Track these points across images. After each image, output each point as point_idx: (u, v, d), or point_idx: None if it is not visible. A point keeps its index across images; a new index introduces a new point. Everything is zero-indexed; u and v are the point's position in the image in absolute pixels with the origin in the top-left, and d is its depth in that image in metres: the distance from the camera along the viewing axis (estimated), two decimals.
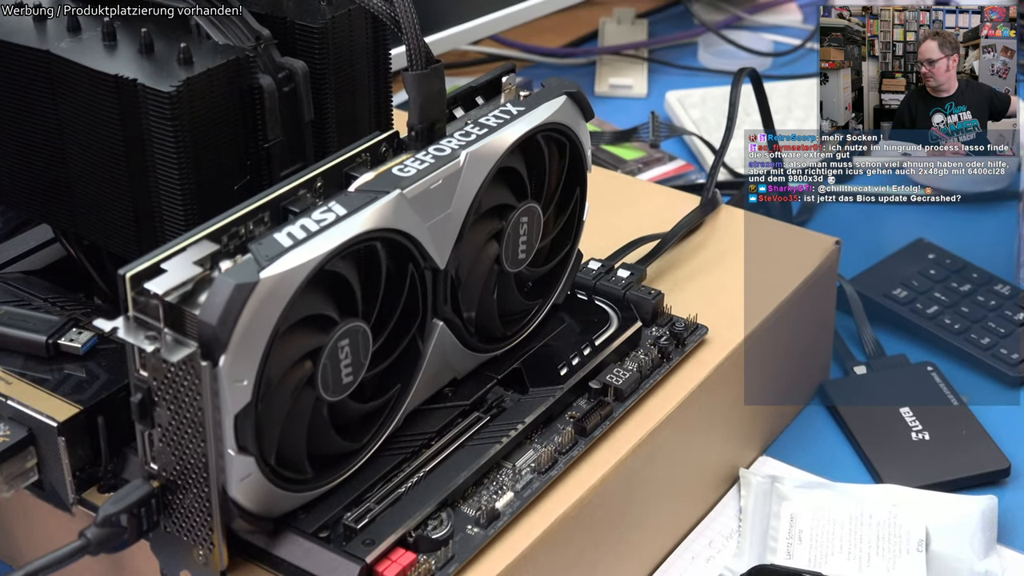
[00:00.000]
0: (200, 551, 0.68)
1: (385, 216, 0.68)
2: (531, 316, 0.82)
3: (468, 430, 0.76)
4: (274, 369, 0.65)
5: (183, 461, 0.66)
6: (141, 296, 0.62)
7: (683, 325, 0.86)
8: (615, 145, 1.30)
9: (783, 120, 1.35)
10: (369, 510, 0.70)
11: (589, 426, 0.78)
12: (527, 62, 1.52)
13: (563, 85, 0.79)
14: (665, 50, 1.57)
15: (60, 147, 0.76)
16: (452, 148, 0.73)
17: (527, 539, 0.72)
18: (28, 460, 0.73)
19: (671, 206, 0.99)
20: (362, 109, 0.81)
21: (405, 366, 0.74)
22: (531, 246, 0.80)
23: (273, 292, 0.63)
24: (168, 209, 0.72)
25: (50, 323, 0.77)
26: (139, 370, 0.65)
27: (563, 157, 0.81)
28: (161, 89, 0.69)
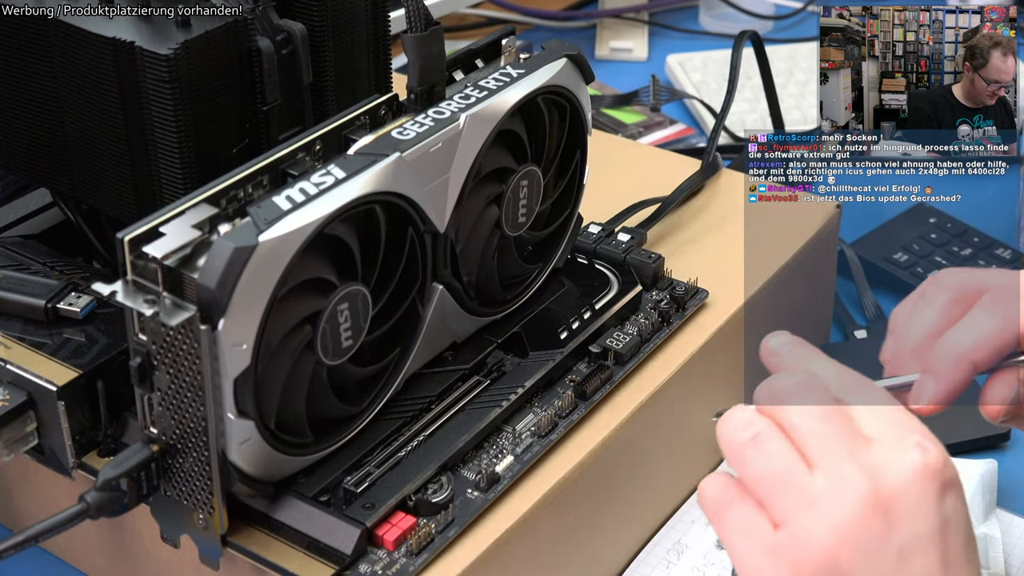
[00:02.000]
0: (200, 515, 0.68)
1: (384, 179, 0.68)
2: (531, 280, 0.82)
3: (468, 394, 0.76)
4: (273, 333, 0.65)
5: (183, 425, 0.66)
6: (140, 260, 0.62)
7: (683, 289, 0.86)
8: (616, 109, 1.29)
9: (784, 83, 1.35)
10: (369, 474, 0.70)
11: (589, 390, 0.78)
12: (527, 25, 1.52)
13: (563, 48, 0.79)
14: (666, 13, 1.56)
15: (58, 111, 0.75)
16: (452, 111, 0.72)
17: (527, 503, 0.72)
18: (28, 424, 0.73)
19: (672, 170, 0.99)
20: (361, 72, 0.80)
21: (405, 330, 0.74)
22: (531, 210, 0.80)
23: (272, 255, 0.63)
24: (166, 172, 0.72)
25: (49, 287, 0.77)
26: (138, 334, 0.65)
27: (563, 120, 0.81)
28: (159, 52, 0.69)
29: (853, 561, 0.57)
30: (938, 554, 0.58)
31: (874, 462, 0.58)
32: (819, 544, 0.57)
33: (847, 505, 0.57)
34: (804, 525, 0.57)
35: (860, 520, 0.57)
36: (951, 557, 0.58)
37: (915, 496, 0.58)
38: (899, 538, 0.57)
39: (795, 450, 0.59)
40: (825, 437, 0.59)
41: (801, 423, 0.59)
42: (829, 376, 0.62)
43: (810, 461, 0.58)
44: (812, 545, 0.57)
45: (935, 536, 0.58)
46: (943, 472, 0.58)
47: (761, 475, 0.59)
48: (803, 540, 0.57)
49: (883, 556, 0.57)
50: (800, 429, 0.59)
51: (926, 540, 0.58)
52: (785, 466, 0.59)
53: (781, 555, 0.58)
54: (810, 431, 0.59)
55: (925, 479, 0.58)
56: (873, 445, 0.59)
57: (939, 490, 0.58)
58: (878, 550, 0.57)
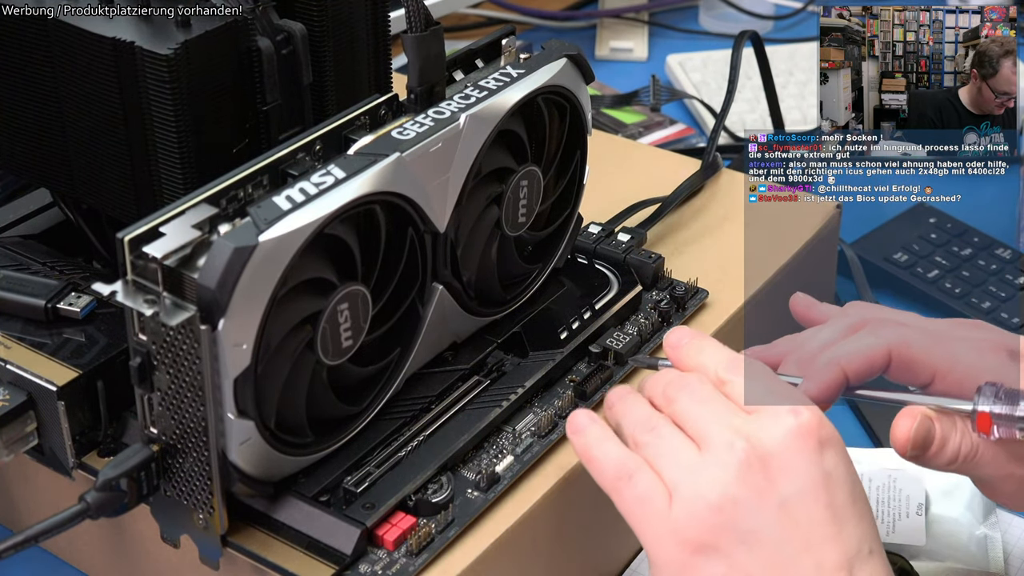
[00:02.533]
0: (200, 515, 0.68)
1: (384, 179, 0.68)
2: (531, 280, 0.82)
3: (468, 394, 0.76)
4: (273, 333, 0.65)
5: (183, 425, 0.66)
6: (140, 260, 0.62)
7: (683, 289, 0.86)
8: (616, 109, 1.29)
9: (784, 83, 1.35)
10: (369, 474, 0.70)
11: (589, 390, 0.78)
12: (527, 25, 1.52)
13: (563, 48, 0.79)
14: (666, 13, 1.56)
15: (58, 111, 0.75)
16: (452, 111, 0.72)
17: (527, 503, 0.72)
18: (28, 424, 0.73)
19: (672, 170, 0.99)
20: (361, 72, 0.80)
21: (405, 330, 0.74)
22: (531, 210, 0.80)
23: (272, 255, 0.63)
24: (166, 172, 0.72)
25: (49, 287, 0.77)
26: (138, 334, 0.65)
27: (563, 120, 0.81)
28: (159, 52, 0.69)
29: (739, 517, 0.62)
30: (822, 506, 0.62)
31: (752, 427, 0.63)
32: (706, 504, 0.62)
33: (729, 466, 0.62)
34: (692, 489, 0.62)
35: (742, 477, 0.62)
36: (838, 508, 0.62)
37: (792, 452, 0.62)
38: (780, 492, 0.62)
39: (684, 435, 0.65)
40: (706, 416, 0.65)
41: (686, 409, 0.66)
42: (720, 363, 0.67)
43: (697, 441, 0.64)
44: (701, 506, 0.62)
45: (817, 489, 0.62)
46: (818, 430, 0.63)
47: (653, 455, 0.65)
48: (692, 502, 0.62)
49: (766, 510, 0.62)
50: (686, 415, 0.65)
51: (807, 493, 0.62)
52: (674, 446, 0.64)
53: (675, 521, 0.63)
54: (694, 415, 0.65)
55: (800, 436, 0.63)
56: (752, 415, 0.64)
57: (816, 447, 0.63)
58: (760, 505, 0.62)
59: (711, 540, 0.62)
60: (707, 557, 0.62)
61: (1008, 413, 0.66)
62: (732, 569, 0.62)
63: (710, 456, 0.63)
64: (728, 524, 0.62)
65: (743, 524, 0.62)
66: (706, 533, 0.62)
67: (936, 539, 0.83)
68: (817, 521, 0.62)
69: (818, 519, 0.62)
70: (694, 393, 0.66)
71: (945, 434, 0.67)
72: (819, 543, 0.62)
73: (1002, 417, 0.66)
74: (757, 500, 0.62)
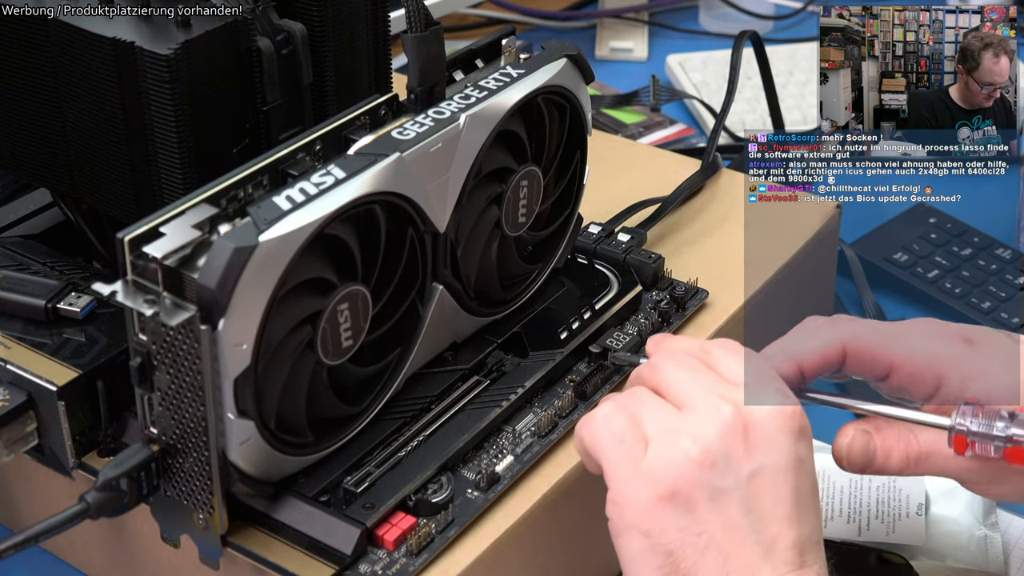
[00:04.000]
0: (200, 515, 0.68)
1: (384, 179, 0.68)
2: (531, 280, 0.82)
3: (468, 394, 0.76)
4: (273, 333, 0.65)
5: (183, 425, 0.66)
6: (140, 260, 0.62)
7: (683, 289, 0.86)
8: (616, 109, 1.29)
9: (784, 83, 1.35)
10: (369, 474, 0.70)
11: (589, 390, 0.78)
12: (527, 25, 1.52)
13: (563, 48, 0.79)
14: (666, 13, 1.56)
15: (58, 111, 0.75)
16: (452, 111, 0.72)
17: (527, 503, 0.72)
18: (28, 424, 0.73)
19: (672, 170, 0.99)
20: (361, 72, 0.80)
21: (405, 330, 0.74)
22: (531, 210, 0.80)
23: (272, 255, 0.63)
24: (166, 172, 0.72)
25: (49, 287, 0.77)
26: (138, 334, 0.65)
27: (563, 120, 0.81)
28: (159, 52, 0.69)
29: (714, 474, 0.62)
30: (790, 488, 0.63)
31: (738, 396, 0.64)
32: (685, 455, 0.63)
33: (713, 424, 0.63)
34: (673, 439, 0.63)
35: (723, 437, 0.63)
36: (802, 496, 0.64)
37: (774, 428, 0.64)
38: (756, 462, 0.63)
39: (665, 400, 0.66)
40: (691, 382, 0.66)
41: (672, 376, 0.66)
42: (694, 346, 0.69)
43: (680, 405, 0.65)
44: (679, 456, 0.63)
45: (789, 470, 0.63)
46: (800, 418, 0.65)
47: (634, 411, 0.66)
48: (671, 451, 0.63)
49: (739, 475, 0.63)
50: (670, 381, 0.66)
51: (780, 471, 0.63)
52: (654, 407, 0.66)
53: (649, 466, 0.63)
54: (680, 379, 0.66)
55: (784, 416, 0.64)
56: (739, 387, 0.65)
57: (796, 430, 0.64)
58: (735, 468, 0.63)
59: (683, 491, 0.63)
60: (674, 507, 0.63)
61: (985, 432, 0.67)
62: (695, 523, 0.62)
63: (694, 414, 0.64)
64: (703, 479, 0.63)
65: (716, 482, 0.63)
66: (679, 483, 0.62)
67: (936, 539, 0.83)
68: (782, 499, 0.63)
69: (783, 498, 0.63)
70: (680, 362, 0.68)
71: (887, 445, 0.69)
72: (779, 520, 0.63)
73: (979, 435, 0.67)
74: (733, 463, 0.63)
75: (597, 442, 0.66)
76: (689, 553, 0.62)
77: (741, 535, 0.62)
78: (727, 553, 0.62)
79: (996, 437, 0.67)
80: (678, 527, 0.62)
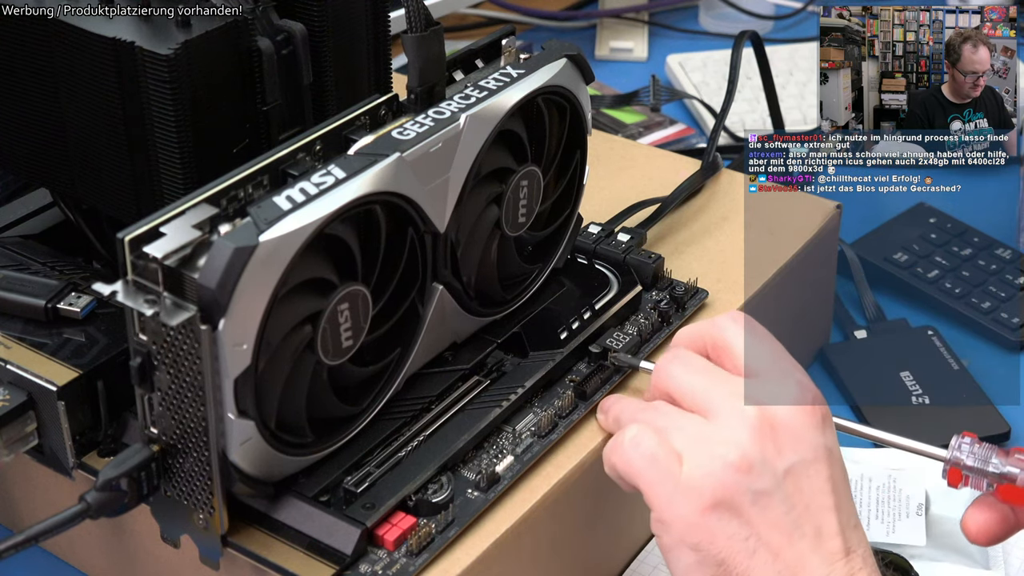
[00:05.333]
0: (200, 515, 0.68)
1: (384, 179, 0.68)
2: (531, 280, 0.82)
3: (468, 394, 0.76)
4: (274, 333, 0.65)
5: (183, 425, 0.66)
6: (140, 260, 0.62)
7: (683, 289, 0.86)
8: (616, 109, 1.29)
9: (784, 83, 1.35)
10: (369, 474, 0.70)
11: (589, 390, 0.78)
12: (527, 25, 1.52)
13: (563, 48, 0.79)
14: (666, 13, 1.56)
15: (58, 111, 0.75)
16: (452, 111, 0.72)
17: (527, 503, 0.72)
18: (28, 424, 0.73)
19: (672, 170, 0.99)
20: (361, 72, 0.80)
21: (405, 330, 0.74)
22: (531, 210, 0.80)
23: (272, 256, 0.63)
24: (167, 172, 0.72)
25: (49, 287, 0.77)
26: (138, 334, 0.65)
27: (563, 120, 0.81)
28: (159, 52, 0.69)
29: (753, 477, 0.64)
30: (824, 479, 0.65)
31: (757, 394, 0.66)
32: (724, 463, 0.64)
33: (743, 429, 0.65)
34: (707, 450, 0.65)
35: (755, 440, 0.65)
36: (837, 484, 0.66)
37: (799, 423, 0.66)
38: (788, 460, 0.65)
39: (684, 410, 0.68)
40: (706, 386, 0.68)
41: (684, 382, 0.68)
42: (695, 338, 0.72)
43: (702, 412, 0.67)
44: (718, 465, 0.64)
45: (820, 462, 0.66)
46: (822, 408, 0.67)
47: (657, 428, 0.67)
48: (709, 462, 0.65)
49: (776, 474, 0.65)
50: (684, 389, 0.68)
51: (811, 464, 0.65)
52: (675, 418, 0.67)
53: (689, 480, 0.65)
54: (694, 386, 0.68)
55: (807, 412, 0.67)
56: (755, 380, 0.67)
57: (820, 422, 0.67)
58: (771, 468, 0.65)
59: (726, 498, 0.64)
60: (720, 515, 0.64)
61: (980, 468, 0.69)
62: (742, 528, 0.64)
63: (720, 421, 0.66)
64: (743, 483, 0.64)
65: (756, 484, 0.64)
66: (722, 491, 0.64)
67: (936, 539, 0.83)
68: (818, 490, 0.65)
69: (820, 489, 0.65)
70: (688, 364, 0.69)
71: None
72: (819, 511, 0.65)
73: (973, 471, 0.69)
74: (768, 464, 0.65)
75: (631, 466, 0.67)
76: (741, 559, 0.64)
77: (787, 532, 0.64)
78: (775, 552, 0.64)
79: (990, 474, 0.68)
80: (726, 535, 0.64)
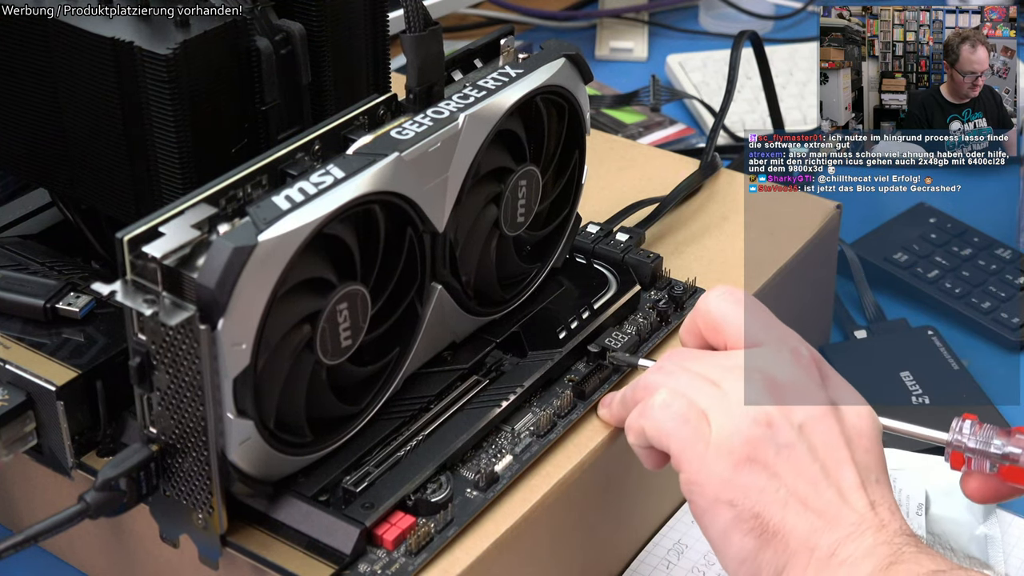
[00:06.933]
0: (199, 515, 0.68)
1: (383, 179, 0.68)
2: (530, 280, 0.82)
3: (467, 394, 0.76)
4: (273, 333, 0.65)
5: (182, 425, 0.66)
6: (139, 260, 0.62)
7: (682, 289, 0.86)
8: (615, 109, 1.29)
9: (784, 84, 1.35)
10: (368, 474, 0.70)
11: (588, 389, 0.78)
12: (526, 25, 1.52)
13: (562, 47, 0.79)
14: (666, 13, 1.56)
15: (57, 111, 0.75)
16: (450, 111, 0.72)
17: (527, 502, 0.72)
18: (27, 424, 0.73)
19: (671, 170, 0.99)
20: (360, 72, 0.80)
21: (404, 330, 0.74)
22: (530, 209, 0.80)
23: (271, 255, 0.63)
24: (165, 172, 0.72)
25: (48, 287, 0.77)
26: (137, 334, 0.65)
27: (562, 120, 0.81)
28: (158, 52, 0.69)
29: (774, 431, 0.67)
30: (835, 430, 0.68)
31: (757, 362, 0.69)
32: (749, 418, 0.67)
33: (754, 389, 0.68)
34: (728, 407, 0.68)
35: (769, 398, 0.68)
36: (849, 431, 0.68)
37: (800, 383, 0.69)
38: (798, 417, 0.67)
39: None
40: (708, 364, 0.70)
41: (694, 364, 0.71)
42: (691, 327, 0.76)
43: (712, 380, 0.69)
44: (743, 421, 0.67)
45: (827, 415, 0.68)
46: (818, 363, 0.71)
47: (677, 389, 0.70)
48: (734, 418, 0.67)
49: (792, 429, 0.67)
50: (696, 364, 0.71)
51: (820, 420, 0.68)
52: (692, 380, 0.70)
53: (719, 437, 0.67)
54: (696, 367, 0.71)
55: (803, 368, 0.70)
56: (760, 348, 0.71)
57: (818, 379, 0.70)
58: (787, 424, 0.67)
59: (754, 453, 0.66)
60: (751, 469, 0.66)
61: (982, 449, 0.70)
62: (772, 479, 0.66)
63: (731, 385, 0.68)
64: (768, 436, 0.66)
65: (778, 438, 0.67)
66: (749, 446, 0.66)
67: (936, 539, 0.83)
68: (832, 444, 0.67)
69: (832, 442, 0.67)
70: (685, 354, 0.73)
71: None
72: (836, 464, 0.67)
73: (976, 452, 0.70)
74: (784, 417, 0.67)
75: (662, 428, 0.69)
76: (775, 510, 0.65)
77: (813, 481, 0.66)
78: (803, 500, 0.65)
79: (992, 455, 0.69)
80: (758, 488, 0.66)
